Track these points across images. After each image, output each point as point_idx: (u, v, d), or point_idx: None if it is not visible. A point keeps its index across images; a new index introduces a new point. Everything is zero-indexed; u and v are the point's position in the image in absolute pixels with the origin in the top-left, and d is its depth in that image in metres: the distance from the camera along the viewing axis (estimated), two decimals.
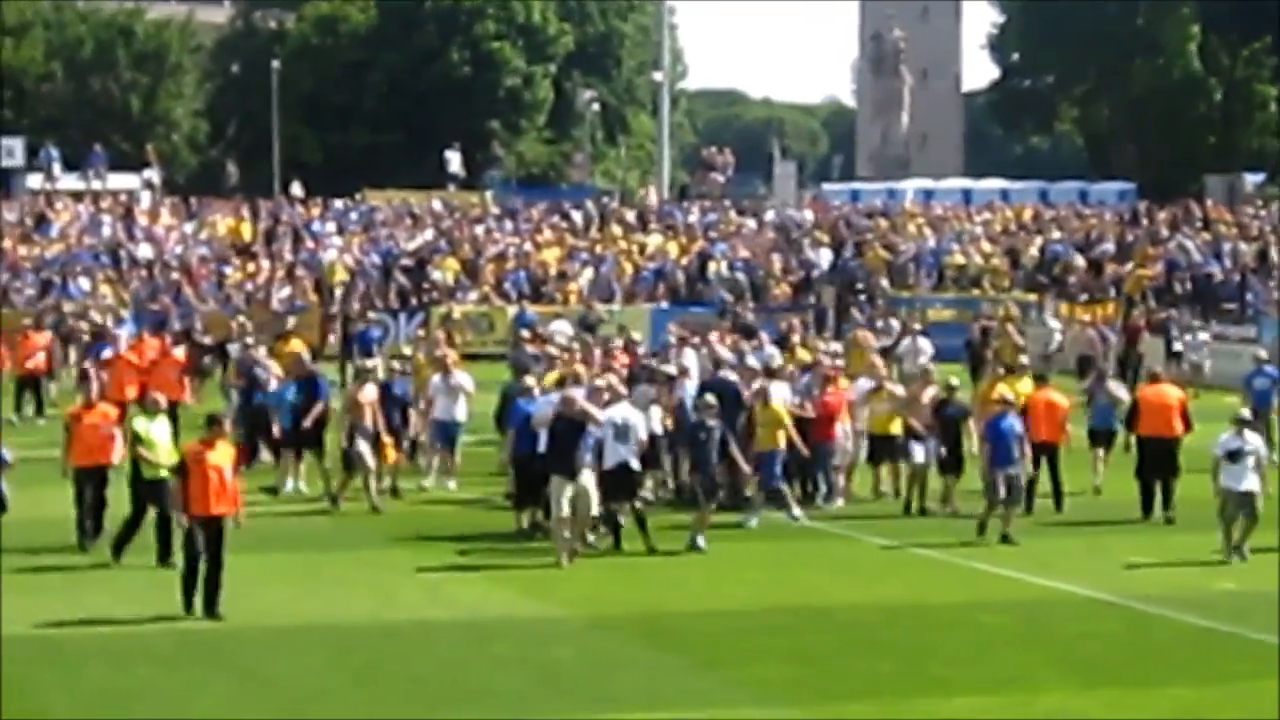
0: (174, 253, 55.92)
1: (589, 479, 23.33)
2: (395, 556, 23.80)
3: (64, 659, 18.29)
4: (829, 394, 28.13)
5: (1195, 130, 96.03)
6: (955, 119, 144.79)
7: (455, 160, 74.53)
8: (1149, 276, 52.31)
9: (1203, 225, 58.03)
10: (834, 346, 35.35)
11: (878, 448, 28.40)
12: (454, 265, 55.69)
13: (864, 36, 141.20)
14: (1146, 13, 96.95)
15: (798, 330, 37.49)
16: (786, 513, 26.56)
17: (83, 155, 69.37)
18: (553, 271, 55.64)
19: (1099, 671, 18.19)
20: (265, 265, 54.68)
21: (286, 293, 51.87)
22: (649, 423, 25.72)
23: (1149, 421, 27.42)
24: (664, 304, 53.25)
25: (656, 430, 26.31)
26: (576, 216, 62.77)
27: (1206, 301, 50.52)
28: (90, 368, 34.85)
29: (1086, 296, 52.04)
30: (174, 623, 19.64)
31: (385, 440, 27.46)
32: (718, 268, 55.33)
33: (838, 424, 28.10)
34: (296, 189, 71.56)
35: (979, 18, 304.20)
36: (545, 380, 27.60)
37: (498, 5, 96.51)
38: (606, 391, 25.16)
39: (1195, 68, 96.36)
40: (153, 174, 68.75)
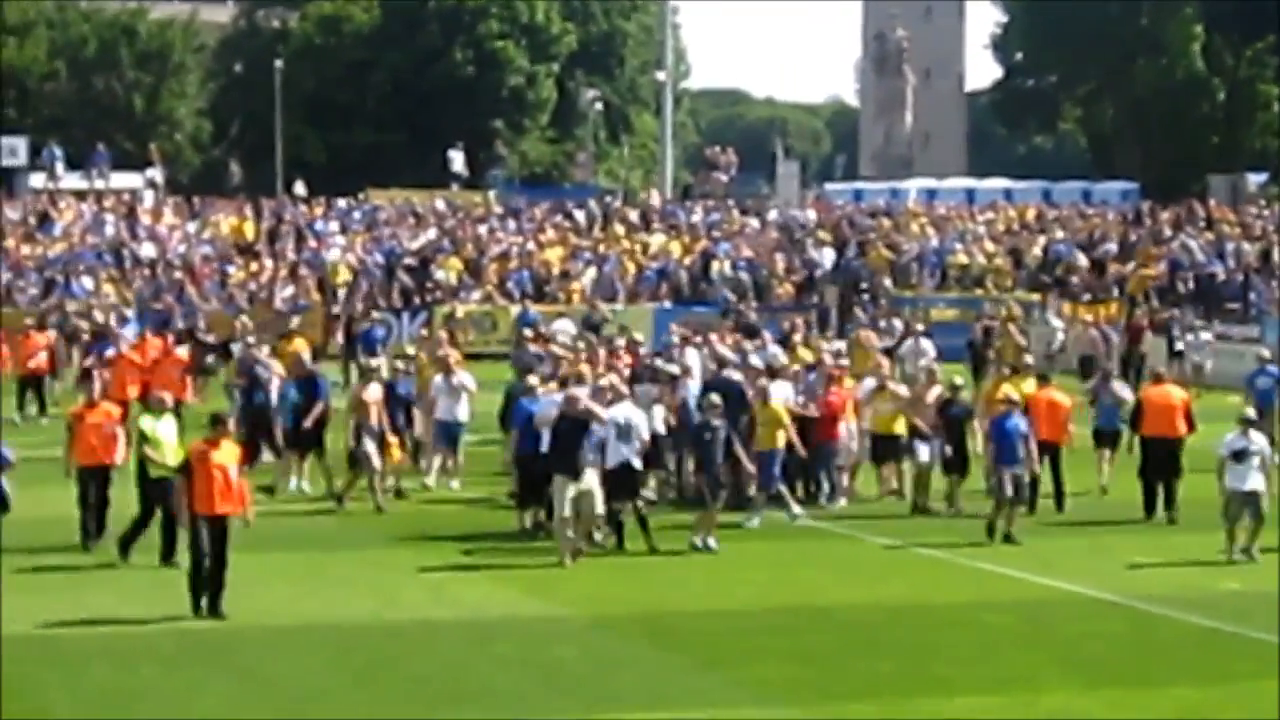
0: (177, 252, 55.92)
1: (593, 478, 23.30)
2: (398, 556, 23.79)
3: (66, 658, 18.27)
4: (832, 393, 28.13)
5: (1198, 130, 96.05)
6: (958, 118, 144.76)
7: (458, 159, 74.48)
8: (1152, 276, 52.28)
9: (1206, 225, 57.97)
10: (837, 346, 35.32)
11: (881, 447, 28.39)
12: (457, 265, 55.66)
13: (867, 36, 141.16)
14: (1150, 12, 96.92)
15: (799, 330, 37.48)
16: (786, 512, 26.55)
17: (86, 154, 69.34)
18: (556, 271, 55.60)
19: (1102, 671, 18.17)
20: (268, 265, 54.67)
21: (289, 292, 51.90)
22: (651, 422, 25.75)
23: (1152, 422, 27.39)
24: (667, 304, 53.19)
25: (659, 430, 26.35)
26: (579, 216, 62.75)
27: (1210, 301, 50.48)
28: (93, 367, 34.90)
29: (1089, 296, 52.01)
30: (176, 622, 19.62)
31: (390, 440, 27.45)
32: (721, 267, 55.29)
33: (842, 423, 28.10)
34: (299, 188, 71.60)
35: (982, 17, 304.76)
36: (552, 384, 27.54)
37: (501, 5, 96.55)
38: (609, 391, 25.16)
39: (1198, 67, 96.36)
40: (156, 173, 68.77)
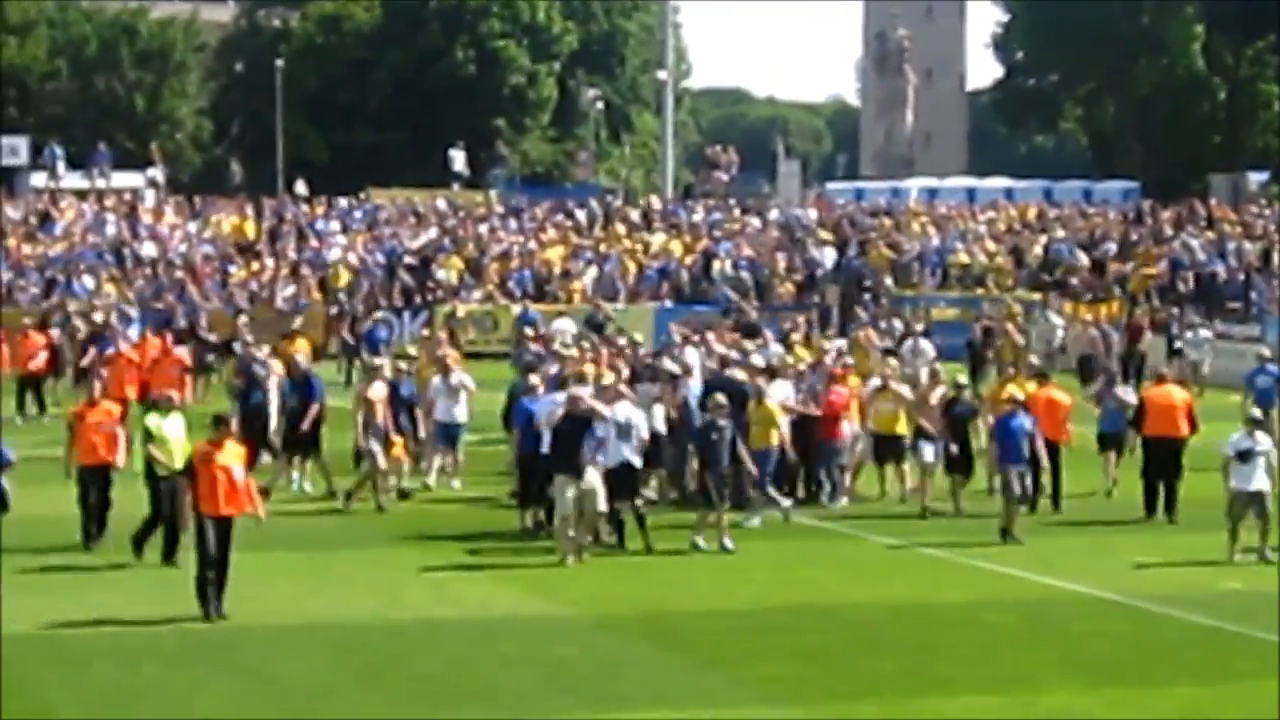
0: (178, 251, 55.94)
1: (595, 477, 23.29)
2: (400, 555, 23.79)
3: (68, 658, 18.27)
4: (833, 393, 28.10)
5: (1199, 129, 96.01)
6: (959, 118, 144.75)
7: (459, 159, 74.50)
8: (1153, 275, 52.30)
9: (1207, 224, 57.96)
10: (838, 345, 35.28)
11: (883, 447, 28.37)
12: (458, 264, 55.67)
13: (868, 35, 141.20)
14: (1151, 12, 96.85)
15: (798, 329, 37.43)
16: (776, 509, 26.48)
17: (87, 154, 69.35)
18: (557, 270, 55.61)
19: (1104, 671, 18.17)
20: (269, 264, 54.72)
21: (290, 291, 51.96)
22: (651, 421, 25.74)
23: (1154, 422, 27.35)
24: (668, 303, 53.19)
25: (659, 429, 26.33)
26: (580, 215, 62.76)
27: (1210, 300, 50.48)
28: (93, 365, 34.93)
29: (1090, 295, 52.01)
30: (178, 621, 19.62)
31: (394, 439, 27.42)
32: (722, 267, 55.30)
33: (845, 422, 28.08)
34: (301, 188, 71.62)
35: (983, 17, 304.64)
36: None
37: (502, 4, 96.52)
38: (610, 390, 25.14)
39: (1199, 67, 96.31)
40: (157, 172, 68.79)
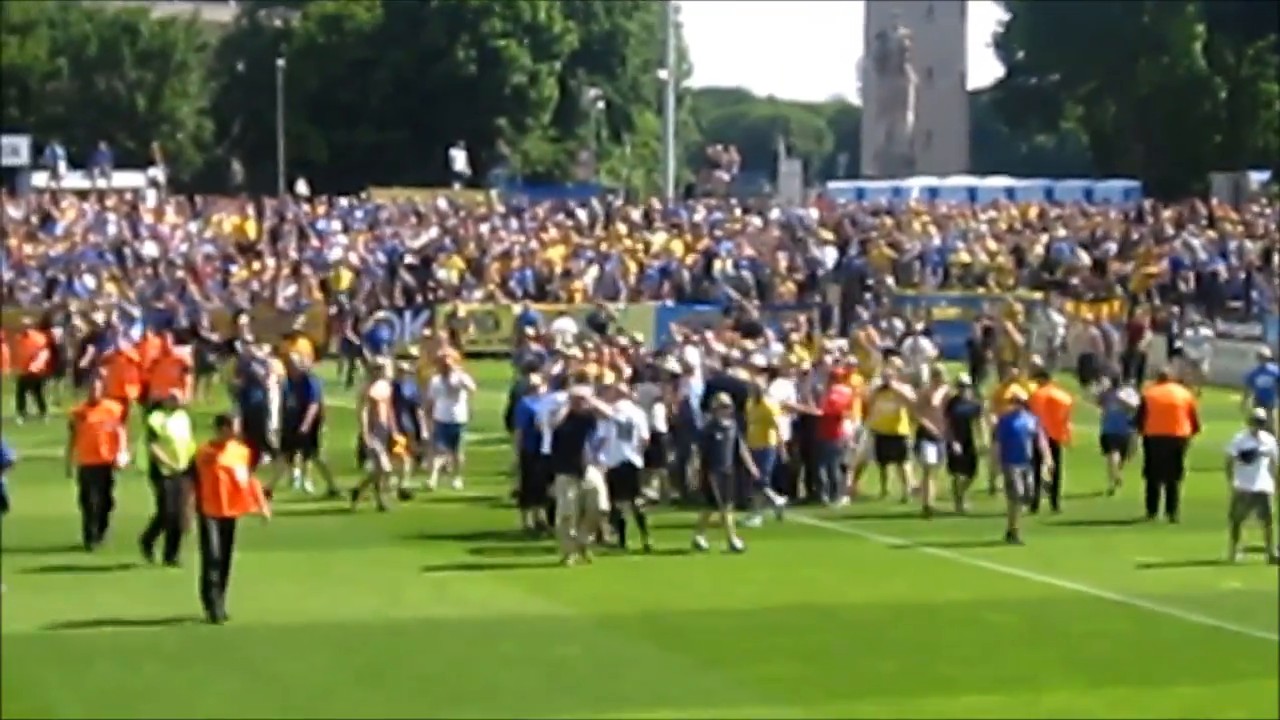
0: (179, 251, 55.95)
1: (596, 476, 23.28)
2: (402, 555, 23.80)
3: (69, 658, 18.28)
4: (834, 392, 28.08)
5: (1200, 128, 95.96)
6: (960, 117, 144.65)
7: (460, 158, 74.49)
8: (1154, 274, 52.30)
9: (1208, 223, 57.96)
10: (839, 344, 35.26)
11: (885, 447, 28.34)
12: (459, 263, 55.67)
13: (869, 35, 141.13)
14: (1152, 11, 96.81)
15: (798, 329, 37.34)
16: (771, 507, 26.43)
17: (88, 153, 69.33)
18: (558, 270, 55.60)
19: (1105, 670, 18.18)
20: (270, 263, 54.72)
21: (291, 291, 51.97)
22: (652, 420, 25.73)
23: (1155, 421, 27.33)
24: (669, 302, 53.18)
25: (660, 428, 26.32)
26: (581, 215, 62.76)
27: (1211, 300, 50.47)
28: (94, 364, 34.92)
29: (1092, 295, 52.01)
30: (180, 621, 19.63)
31: (397, 439, 27.41)
32: (723, 266, 55.29)
33: (848, 421, 28.07)
34: (302, 187, 71.58)
35: (984, 16, 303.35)
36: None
37: (503, 3, 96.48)
38: (612, 390, 25.13)
39: (1200, 66, 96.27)
40: (158, 172, 68.80)
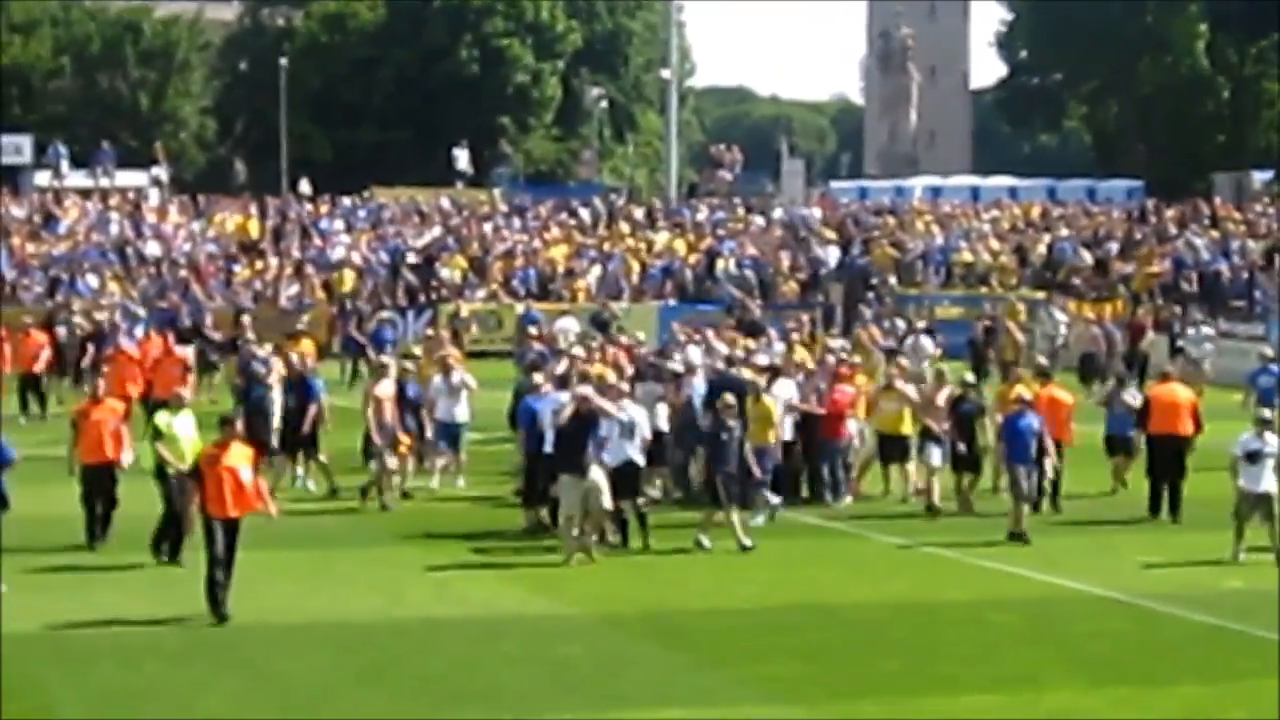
0: (182, 250, 56.01)
1: (599, 475, 23.29)
2: (404, 554, 23.80)
3: (71, 657, 18.28)
4: (837, 391, 28.08)
5: (1203, 128, 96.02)
6: (963, 116, 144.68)
7: (463, 158, 74.54)
8: (1156, 274, 52.32)
9: (1210, 223, 58.00)
10: (840, 344, 35.24)
11: (887, 447, 28.33)
12: (462, 263, 55.73)
13: (872, 34, 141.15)
14: (1154, 11, 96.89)
15: (798, 329, 37.27)
16: (767, 506, 26.40)
17: (90, 152, 69.36)
18: (560, 269, 55.65)
19: (1107, 670, 18.18)
20: (273, 263, 54.78)
21: (294, 290, 52.05)
22: (654, 420, 25.74)
23: (1158, 420, 27.30)
24: (672, 302, 53.23)
25: (662, 427, 26.32)
26: (584, 214, 62.83)
27: (1214, 299, 50.50)
28: (96, 363, 34.94)
29: (1095, 294, 52.03)
30: (181, 621, 19.63)
31: (401, 439, 27.41)
32: (726, 265, 55.35)
33: (851, 421, 28.07)
34: (304, 186, 71.63)
35: (987, 15, 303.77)
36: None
37: (506, 3, 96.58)
38: (614, 390, 25.12)
39: (1203, 65, 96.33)
40: (160, 171, 68.88)
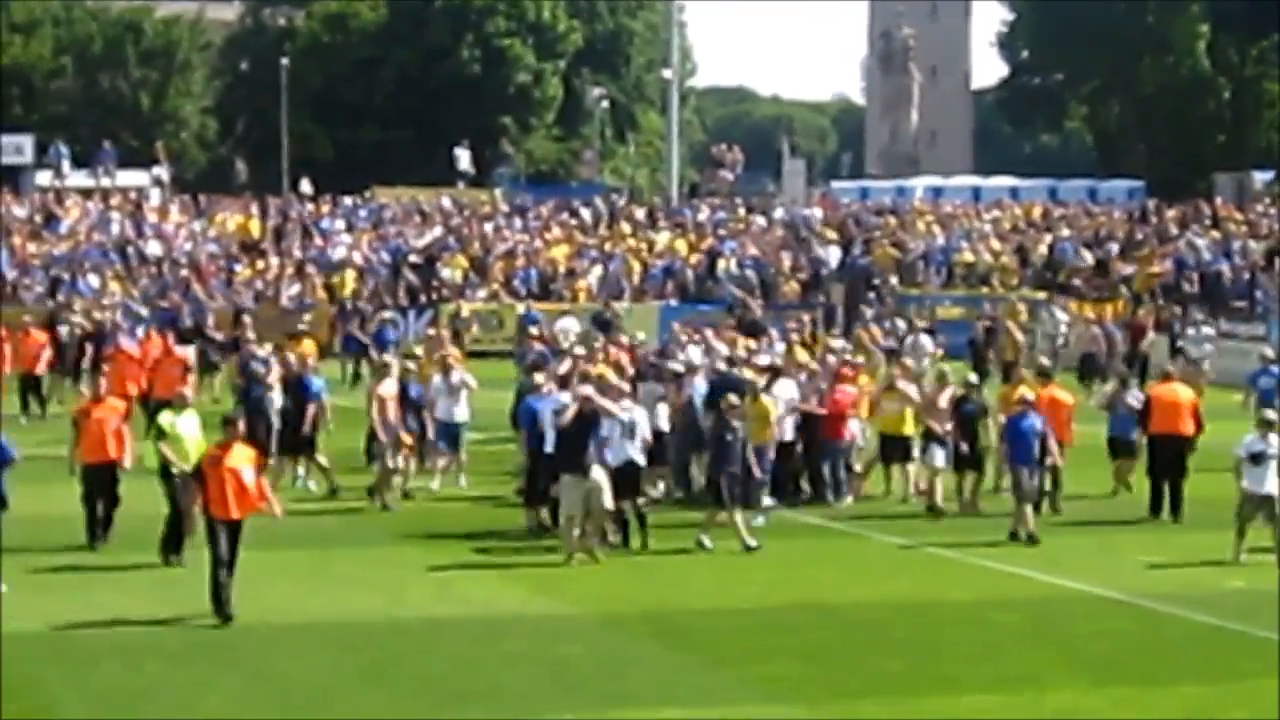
0: (183, 250, 56.03)
1: (601, 475, 23.27)
2: (405, 553, 23.81)
3: (72, 657, 18.27)
4: (838, 391, 28.07)
5: (1204, 128, 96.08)
6: (964, 116, 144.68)
7: (465, 158, 74.52)
8: (1158, 274, 52.33)
9: (1211, 223, 58.00)
10: (840, 343, 35.24)
11: (889, 447, 28.32)
12: (463, 263, 55.74)
13: (873, 34, 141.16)
14: (1155, 11, 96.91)
15: (799, 329, 37.25)
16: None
17: (92, 152, 69.39)
18: (562, 269, 55.66)
19: (1108, 669, 18.17)
20: (274, 262, 54.80)
21: (295, 290, 52.07)
22: (655, 420, 25.73)
23: (1160, 419, 27.31)
24: (673, 301, 53.24)
25: (663, 428, 26.31)
26: (585, 214, 62.84)
27: (1215, 299, 50.51)
28: (98, 362, 34.95)
29: (1096, 295, 52.03)
30: (182, 621, 19.63)
31: (404, 438, 27.40)
32: (727, 265, 55.36)
33: (853, 420, 28.06)
34: (305, 186, 71.63)
35: (988, 15, 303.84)
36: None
37: (508, 2, 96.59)
38: (614, 390, 25.11)
39: (1204, 66, 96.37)
40: (162, 171, 68.90)
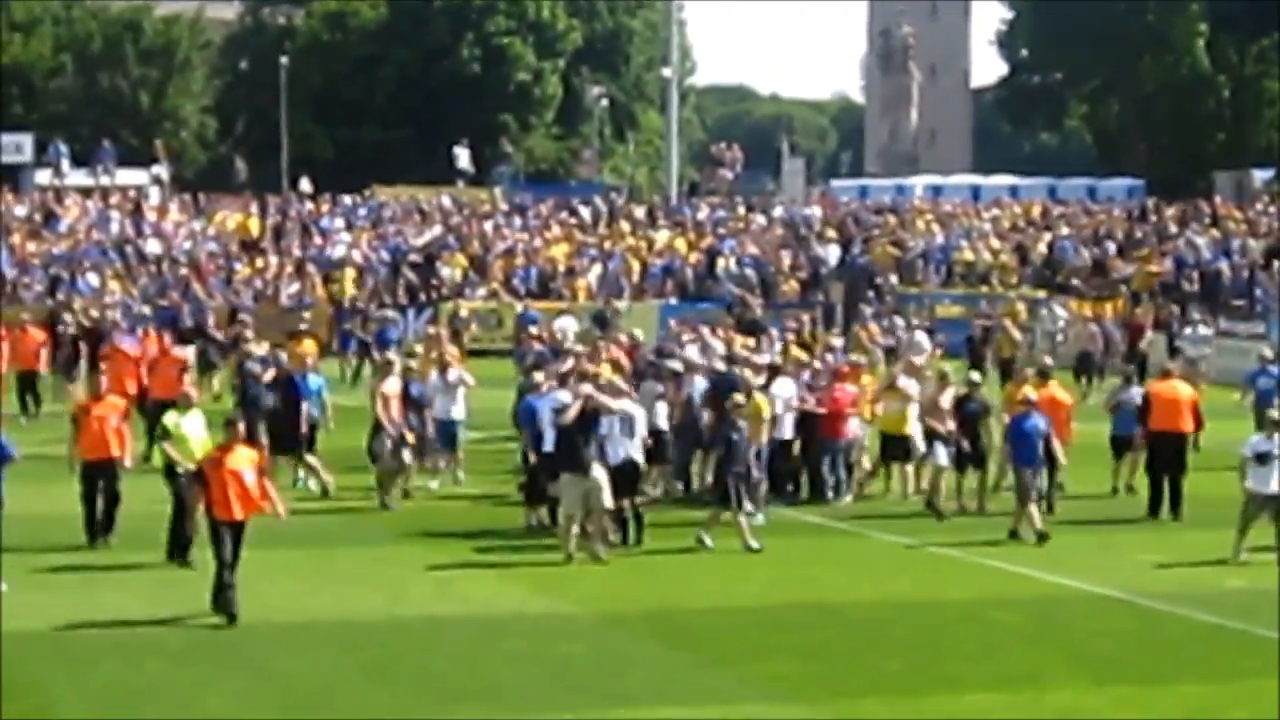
0: (182, 249, 56.01)
1: (600, 473, 23.26)
2: (406, 552, 23.80)
3: (73, 656, 18.26)
4: (838, 390, 28.06)
5: (1204, 127, 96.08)
6: (964, 115, 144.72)
7: (464, 156, 74.48)
8: (1157, 273, 52.32)
9: (1211, 222, 57.98)
10: (839, 343, 35.22)
11: (889, 447, 28.30)
12: (462, 261, 55.73)
13: (873, 33, 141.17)
14: (1155, 9, 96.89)
15: (797, 328, 37.17)
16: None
17: (91, 151, 69.32)
18: (561, 268, 55.64)
19: (1109, 669, 18.18)
20: (274, 261, 54.79)
21: (295, 289, 52.06)
22: (655, 418, 25.72)
23: (1159, 417, 27.31)
24: (673, 300, 53.22)
25: (662, 426, 26.30)
26: (585, 213, 62.80)
27: (1214, 298, 50.49)
28: (96, 361, 34.95)
29: (1095, 294, 52.03)
30: (184, 620, 19.62)
31: (407, 436, 27.36)
32: (726, 264, 55.34)
33: (854, 419, 28.05)
34: (305, 185, 71.56)
35: (988, 14, 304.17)
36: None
37: (507, 1, 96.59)
38: (612, 389, 25.11)
39: (1204, 64, 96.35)
40: (161, 170, 68.85)
